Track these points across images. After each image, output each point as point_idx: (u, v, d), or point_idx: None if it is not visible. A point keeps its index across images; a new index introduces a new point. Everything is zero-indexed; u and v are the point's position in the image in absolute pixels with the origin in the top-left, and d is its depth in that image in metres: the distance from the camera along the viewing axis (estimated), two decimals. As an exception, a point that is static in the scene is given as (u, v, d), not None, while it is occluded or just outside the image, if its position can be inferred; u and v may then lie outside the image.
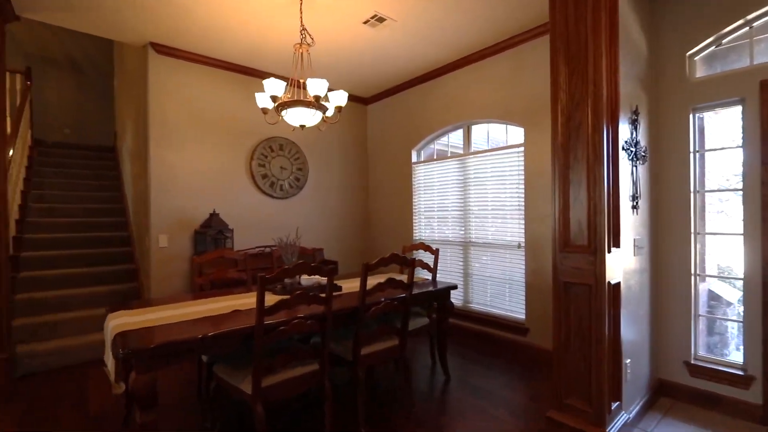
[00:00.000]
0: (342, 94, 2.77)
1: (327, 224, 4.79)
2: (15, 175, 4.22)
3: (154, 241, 3.51)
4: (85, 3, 2.89)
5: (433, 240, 4.39)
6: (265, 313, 1.83)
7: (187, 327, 1.86)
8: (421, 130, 4.45)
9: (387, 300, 2.37)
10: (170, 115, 3.62)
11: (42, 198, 4.53)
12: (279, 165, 4.34)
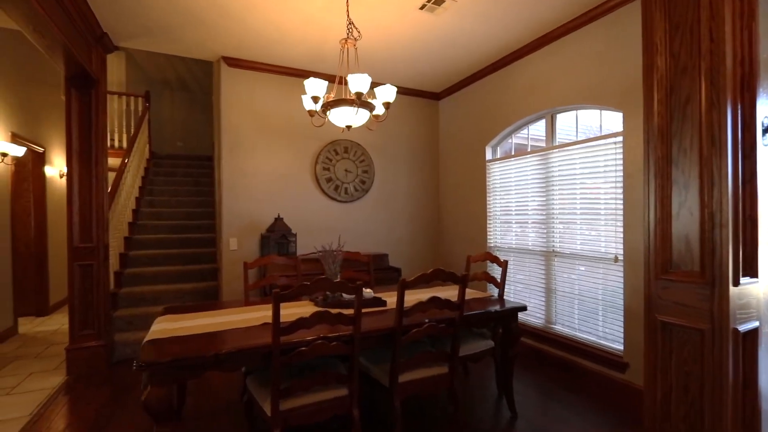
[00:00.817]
0: (389, 89, 2.52)
1: (393, 228, 4.58)
2: (131, 184, 4.92)
3: (225, 244, 3.72)
4: (165, 29, 3.14)
5: (510, 248, 3.86)
6: (282, 332, 1.68)
7: (211, 339, 1.81)
8: (496, 123, 3.95)
9: (431, 322, 2.05)
10: (240, 124, 3.79)
11: (152, 203, 5.21)
12: (344, 168, 4.27)
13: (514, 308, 2.46)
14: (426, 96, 4.75)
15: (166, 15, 2.95)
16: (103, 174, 3.27)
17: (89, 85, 3.13)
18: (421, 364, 2.12)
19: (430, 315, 2.16)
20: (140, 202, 5.11)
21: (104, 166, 3.30)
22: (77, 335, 3.09)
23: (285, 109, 3.98)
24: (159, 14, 2.94)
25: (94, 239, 3.17)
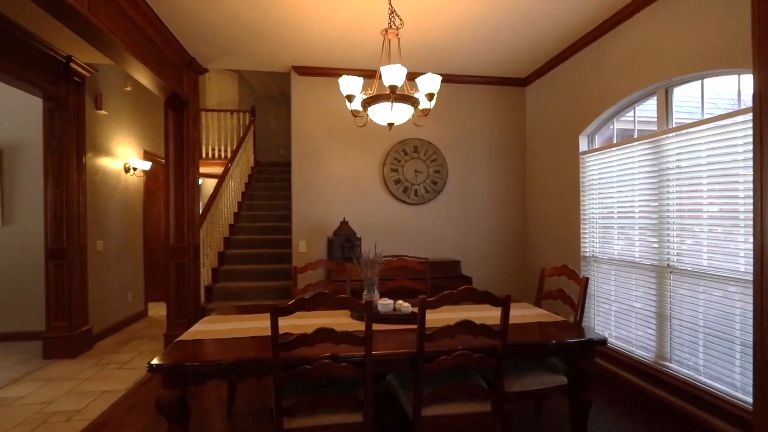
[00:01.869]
0: (431, 78, 2.23)
1: (468, 233, 4.17)
2: (233, 189, 5.55)
3: (296, 247, 3.87)
4: (238, 47, 3.40)
5: (611, 259, 3.13)
6: (282, 347, 1.59)
7: (229, 345, 1.82)
8: (592, 106, 3.25)
9: (463, 351, 1.72)
10: (309, 129, 3.90)
11: (250, 207, 5.80)
12: (413, 168, 4.05)
13: (586, 341, 1.93)
14: (509, 83, 4.20)
15: (236, 35, 3.18)
16: (193, 182, 3.71)
17: (181, 105, 3.58)
18: (453, 397, 1.81)
19: (465, 341, 1.82)
20: (241, 206, 5.73)
21: (195, 176, 3.75)
22: (172, 323, 3.57)
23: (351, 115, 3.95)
24: (230, 35, 3.18)
25: (185, 240, 3.62)
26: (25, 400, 2.78)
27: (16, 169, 3.98)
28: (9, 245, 3.96)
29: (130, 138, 4.69)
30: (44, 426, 2.43)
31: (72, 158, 3.58)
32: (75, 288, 3.58)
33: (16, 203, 3.97)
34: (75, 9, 2.07)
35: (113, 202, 4.35)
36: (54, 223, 3.52)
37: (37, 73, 3.23)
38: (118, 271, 4.43)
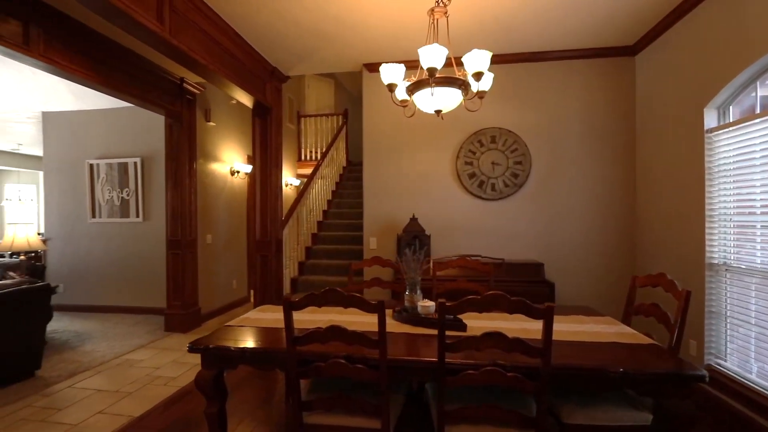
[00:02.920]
0: (479, 55, 1.98)
1: (555, 232, 3.62)
2: (324, 188, 5.89)
3: (367, 243, 3.89)
4: (311, 53, 3.58)
5: (751, 268, 2.37)
6: (297, 341, 1.57)
7: (265, 334, 1.89)
8: (723, 68, 2.50)
9: (493, 367, 1.46)
10: (380, 126, 3.88)
11: (339, 204, 6.08)
12: (490, 160, 3.70)
13: (672, 375, 1.45)
14: (611, 53, 3.52)
15: (306, 41, 3.34)
16: (276, 182, 4.03)
17: (265, 113, 3.92)
18: (484, 419, 1.55)
19: (501, 357, 1.54)
20: (331, 204, 6.05)
21: (278, 177, 4.07)
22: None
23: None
24: (300, 42, 3.35)
25: (269, 235, 3.96)
26: (143, 363, 3.37)
27: (151, 176, 4.90)
28: (147, 237, 4.90)
29: (235, 145, 5.36)
30: (147, 386, 2.91)
31: (185, 164, 4.24)
32: (187, 274, 4.24)
33: (151, 203, 4.89)
34: (157, 34, 2.41)
35: (220, 201, 5.02)
36: (172, 219, 4.21)
37: (159, 95, 3.90)
38: (224, 261, 5.10)
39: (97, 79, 3.23)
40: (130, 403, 2.68)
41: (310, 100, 7.62)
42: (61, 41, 2.93)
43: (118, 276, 5.01)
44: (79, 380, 3.03)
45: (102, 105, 5.04)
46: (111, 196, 5.00)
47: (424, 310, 2.03)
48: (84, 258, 5.08)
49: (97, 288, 5.06)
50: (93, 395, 2.79)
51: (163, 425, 2.41)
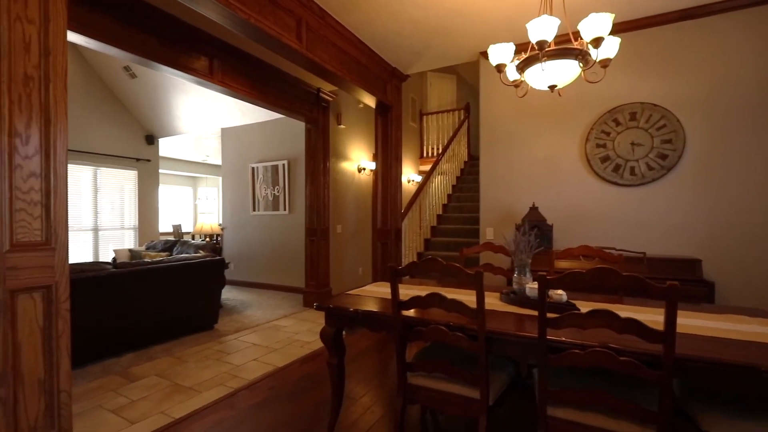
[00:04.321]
0: (597, 19, 1.83)
1: (716, 223, 2.95)
2: (444, 183, 6.00)
3: (483, 234, 3.83)
4: (427, 49, 3.73)
5: None
6: (400, 305, 1.72)
7: (377, 303, 2.10)
8: None
9: (602, 349, 1.34)
10: (498, 114, 3.78)
11: (458, 198, 6.09)
12: (629, 141, 3.24)
13: None
14: (809, -6, 2.72)
15: (421, 38, 3.50)
16: (396, 175, 4.30)
17: (386, 111, 4.23)
18: (590, 405, 1.43)
19: (614, 340, 1.40)
20: (451, 198, 6.11)
21: (397, 170, 4.33)
22: (378, 293, 4.25)
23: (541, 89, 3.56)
24: (416, 39, 3.53)
25: (389, 224, 4.25)
26: (287, 328, 4.02)
27: (295, 175, 5.76)
28: (291, 227, 5.77)
29: (362, 144, 5.88)
30: (289, 346, 3.48)
31: (320, 163, 4.87)
32: (321, 258, 4.85)
33: (295, 198, 5.75)
34: (297, 51, 2.88)
35: (349, 196, 5.58)
36: (310, 210, 4.88)
37: (301, 104, 4.59)
38: (351, 249, 5.64)
39: (257, 96, 4.00)
40: (275, 356, 3.25)
41: (432, 98, 7.81)
42: (232, 68, 3.73)
43: (269, 259, 6.04)
44: (242, 335, 3.80)
45: (259, 119, 6.15)
46: (266, 193, 6.06)
47: (533, 292, 1.95)
48: (247, 243, 6.27)
49: (255, 268, 6.18)
50: (250, 347, 3.47)
51: (299, 375, 2.87)
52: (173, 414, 2.32)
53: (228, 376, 2.85)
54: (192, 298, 3.75)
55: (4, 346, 1.43)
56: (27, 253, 1.49)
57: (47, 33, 1.55)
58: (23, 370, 1.48)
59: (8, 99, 1.44)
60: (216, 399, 2.50)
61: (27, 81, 1.49)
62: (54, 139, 1.56)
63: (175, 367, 3.03)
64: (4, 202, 1.43)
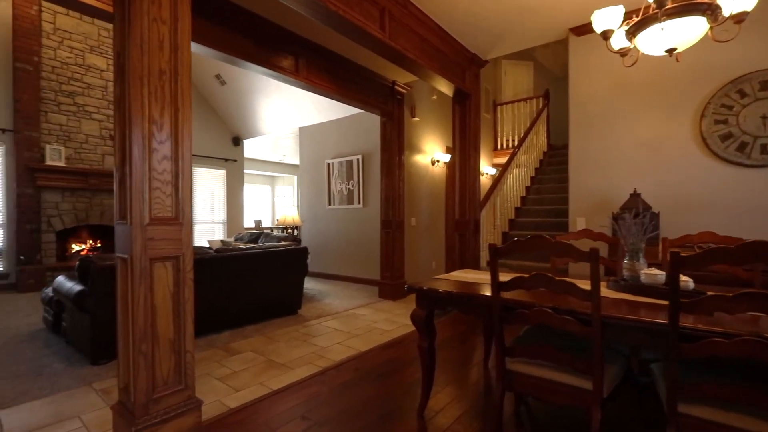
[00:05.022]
0: (735, -38, 1.57)
1: None
2: (522, 175, 5.71)
3: (573, 224, 3.57)
4: (512, 28, 3.57)
5: None
6: (501, 286, 1.65)
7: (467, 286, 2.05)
8: None
9: (756, 338, 1.16)
10: (590, 94, 3.50)
11: (538, 190, 5.75)
12: (758, 114, 2.79)
13: None
14: None
15: (505, 18, 3.36)
16: (474, 165, 4.18)
17: (464, 99, 4.13)
18: (740, 404, 1.23)
19: None
20: (529, 190, 5.80)
21: (476, 159, 4.21)
22: (455, 285, 4.17)
23: (648, 60, 3.21)
24: (499, 20, 3.40)
25: (467, 214, 4.14)
26: (365, 317, 4.11)
27: (369, 169, 5.87)
28: (366, 220, 5.90)
29: (435, 137, 5.82)
30: (369, 333, 3.55)
31: (395, 156, 4.91)
32: (396, 250, 4.89)
33: (369, 192, 5.86)
34: (380, 40, 2.92)
35: (422, 189, 5.55)
36: (385, 203, 4.94)
37: (376, 98, 4.67)
38: (425, 242, 5.61)
39: (336, 91, 4.14)
40: (357, 341, 3.33)
41: (507, 87, 7.49)
42: (315, 65, 3.90)
43: (344, 251, 6.23)
44: (323, 321, 3.96)
45: (334, 116, 6.38)
46: (341, 187, 6.27)
47: (650, 279, 1.75)
48: (323, 236, 6.55)
49: (330, 260, 6.42)
50: (333, 332, 3.60)
51: (382, 360, 2.91)
52: (270, 386, 2.49)
53: (315, 356, 2.99)
54: (279, 284, 4.00)
55: (145, 308, 1.63)
56: (161, 226, 1.68)
57: (176, 31, 1.73)
58: (158, 330, 1.68)
59: (147, 91, 1.64)
60: (307, 375, 2.63)
61: (161, 75, 1.68)
62: (181, 126, 1.74)
63: (268, 345, 3.25)
64: (145, 181, 1.63)
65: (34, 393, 2.36)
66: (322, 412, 2.14)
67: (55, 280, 3.20)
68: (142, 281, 1.61)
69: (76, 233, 6.25)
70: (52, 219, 5.85)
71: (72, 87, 6.09)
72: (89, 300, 2.76)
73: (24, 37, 5.63)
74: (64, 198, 5.97)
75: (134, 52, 1.60)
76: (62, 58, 6.00)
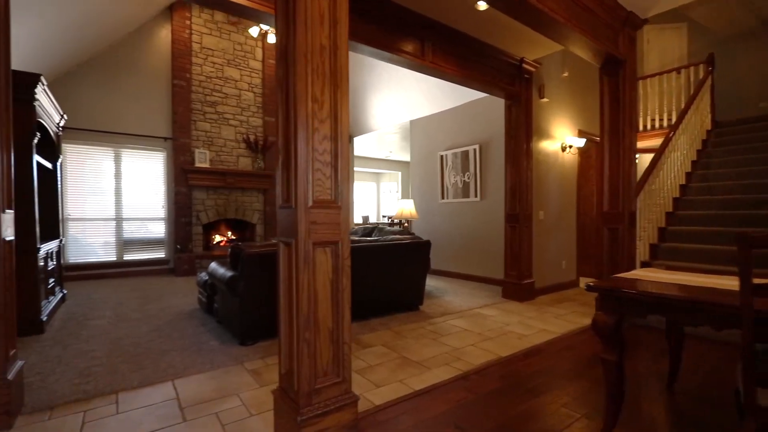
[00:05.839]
0: None
1: None
2: (681, 159, 4.72)
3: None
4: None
5: None
6: (757, 290, 1.19)
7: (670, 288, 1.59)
8: None
9: None
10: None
11: (704, 177, 4.67)
12: None
13: None
14: None
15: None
16: (630, 146, 3.51)
17: (616, 67, 3.48)
18: None
19: None
20: (690, 177, 4.75)
21: (632, 139, 3.53)
22: (604, 288, 3.55)
23: None
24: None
25: (620, 206, 3.49)
26: (493, 318, 3.76)
27: (487, 159, 5.45)
28: (482, 214, 5.50)
29: (566, 119, 5.14)
30: (503, 336, 3.20)
31: (522, 143, 4.43)
32: (523, 246, 4.42)
33: (487, 184, 5.45)
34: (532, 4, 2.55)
35: (551, 178, 4.94)
36: (510, 195, 4.50)
37: (501, 79, 4.26)
38: (554, 239, 4.99)
39: (461, 73, 3.86)
40: (492, 344, 3.01)
41: (650, 58, 6.33)
42: (440, 48, 3.67)
43: (459, 247, 5.92)
44: (449, 319, 3.72)
45: (447, 106, 6.10)
46: (455, 180, 5.96)
47: None
48: (435, 231, 6.32)
49: (443, 256, 6.17)
50: (462, 332, 3.34)
51: (527, 370, 2.55)
52: (411, 384, 2.32)
53: (451, 357, 2.76)
54: (402, 278, 3.88)
55: (308, 294, 1.57)
56: (322, 210, 1.60)
57: (335, 5, 1.64)
58: (319, 318, 1.61)
59: (310, 68, 1.56)
60: (449, 378, 2.41)
61: (321, 50, 1.60)
62: (340, 103, 1.65)
63: (397, 340, 3.13)
64: (309, 161, 1.56)
65: (198, 367, 2.57)
66: (476, 423, 1.89)
67: (210, 266, 3.53)
68: (306, 267, 1.54)
69: (215, 226, 7.09)
70: (200, 213, 6.71)
71: (214, 97, 6.90)
72: (239, 284, 2.95)
73: (179, 58, 6.54)
74: (208, 195, 6.80)
75: (299, 29, 1.54)
76: (207, 72, 6.83)
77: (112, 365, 2.59)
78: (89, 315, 3.84)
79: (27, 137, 3.19)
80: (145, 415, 1.97)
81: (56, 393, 2.19)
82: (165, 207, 6.55)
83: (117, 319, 3.70)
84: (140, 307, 4.19)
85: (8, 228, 1.89)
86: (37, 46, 4.42)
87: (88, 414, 1.98)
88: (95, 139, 5.91)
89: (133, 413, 1.99)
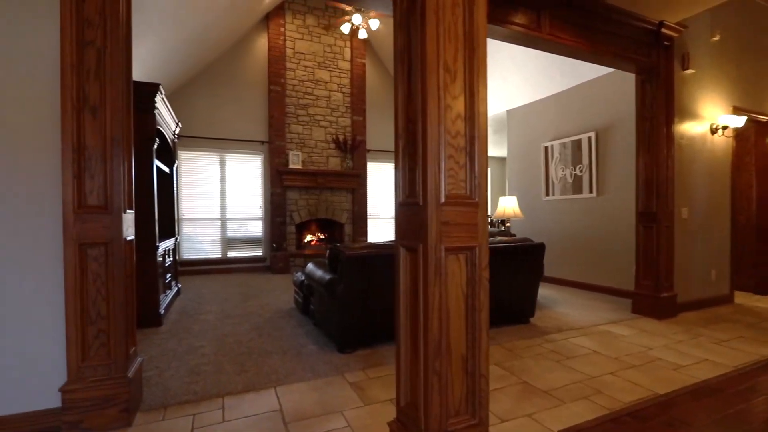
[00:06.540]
0: None
1: None
2: None
3: None
4: None
5: None
6: None
7: None
8: None
9: None
10: None
11: None
12: None
13: None
14: None
15: None
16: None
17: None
18: None
19: None
20: None
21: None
22: (797, 310, 2.67)
23: None
24: None
25: (822, 200, 2.59)
26: (627, 339, 3.09)
27: (606, 148, 4.65)
28: (600, 213, 4.71)
29: (716, 95, 4.13)
30: (651, 365, 2.56)
31: (661, 125, 3.63)
32: (662, 251, 3.62)
33: (605, 177, 4.65)
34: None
35: (696, 168, 4.01)
36: (644, 189, 3.72)
37: (635, 49, 3.53)
38: (701, 243, 4.04)
39: (584, 46, 3.25)
40: (639, 376, 2.41)
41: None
42: (558, 17, 3.12)
43: (568, 251, 5.18)
44: (569, 336, 3.15)
45: (549, 92, 5.39)
46: (564, 174, 5.24)
47: None
48: (538, 232, 5.64)
49: (549, 260, 5.46)
50: (592, 354, 2.77)
51: (705, 418, 1.93)
52: (544, 423, 1.89)
53: (587, 389, 2.24)
54: (511, 286, 3.41)
55: (440, 313, 1.25)
56: (456, 207, 1.27)
57: (468, -53, 1.30)
58: (451, 343, 1.28)
59: (442, 28, 1.25)
60: (594, 419, 1.92)
61: (454, 6, 1.27)
62: (477, 73, 1.30)
63: (512, 360, 2.69)
64: (441, 146, 1.24)
65: (299, 374, 2.44)
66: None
67: (307, 266, 3.46)
68: (437, 278, 1.23)
69: (307, 226, 7.25)
70: (293, 213, 6.91)
71: (306, 100, 7.06)
72: (338, 287, 2.78)
73: (275, 64, 6.80)
74: (301, 195, 6.97)
75: (428, -21, 1.23)
76: (299, 76, 7.01)
77: (218, 364, 2.60)
78: (199, 309, 4.04)
79: (148, 143, 3.41)
80: (250, 427, 1.85)
81: (170, 391, 2.20)
82: (262, 207, 6.87)
83: (222, 315, 3.83)
84: (242, 303, 4.33)
85: (129, 228, 1.91)
86: (155, 64, 4.84)
87: (197, 418, 1.93)
88: (204, 146, 6.39)
89: (239, 423, 1.88)
